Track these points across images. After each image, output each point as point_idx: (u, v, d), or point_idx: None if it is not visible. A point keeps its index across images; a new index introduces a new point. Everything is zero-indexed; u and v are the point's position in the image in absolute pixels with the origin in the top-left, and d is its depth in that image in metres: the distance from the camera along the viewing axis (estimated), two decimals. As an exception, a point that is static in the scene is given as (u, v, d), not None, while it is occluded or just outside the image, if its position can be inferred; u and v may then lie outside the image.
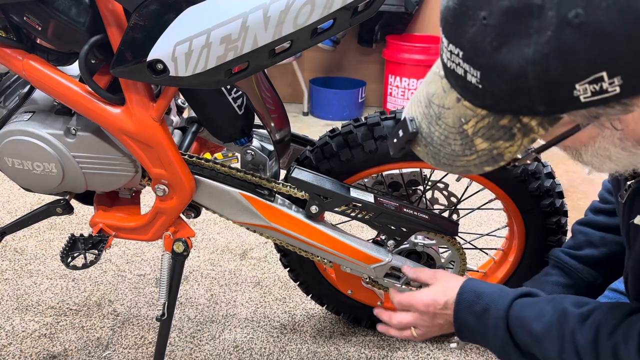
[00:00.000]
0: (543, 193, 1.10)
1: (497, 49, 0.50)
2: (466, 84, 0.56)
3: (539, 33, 0.47)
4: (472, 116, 0.58)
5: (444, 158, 0.63)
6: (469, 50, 0.53)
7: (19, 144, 0.96)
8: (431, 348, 1.38)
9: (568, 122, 0.56)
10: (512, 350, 0.85)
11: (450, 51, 0.55)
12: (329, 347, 1.38)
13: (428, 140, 0.64)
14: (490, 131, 0.58)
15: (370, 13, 0.81)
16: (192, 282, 1.61)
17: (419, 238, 1.18)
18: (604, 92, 0.48)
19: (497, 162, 0.60)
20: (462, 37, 0.53)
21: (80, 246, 1.06)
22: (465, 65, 0.54)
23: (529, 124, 0.55)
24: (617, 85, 0.48)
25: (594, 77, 0.48)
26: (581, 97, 0.49)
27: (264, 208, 1.05)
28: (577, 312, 0.78)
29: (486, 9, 0.50)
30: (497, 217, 1.97)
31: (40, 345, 1.34)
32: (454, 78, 0.57)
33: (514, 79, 0.51)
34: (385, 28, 3.18)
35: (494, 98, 0.54)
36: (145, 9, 0.78)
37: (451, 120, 0.60)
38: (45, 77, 0.90)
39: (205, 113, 1.06)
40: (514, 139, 0.57)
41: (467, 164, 0.62)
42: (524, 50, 0.49)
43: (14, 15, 0.85)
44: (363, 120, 1.10)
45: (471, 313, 0.88)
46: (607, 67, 0.47)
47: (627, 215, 0.80)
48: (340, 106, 3.19)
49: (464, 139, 0.60)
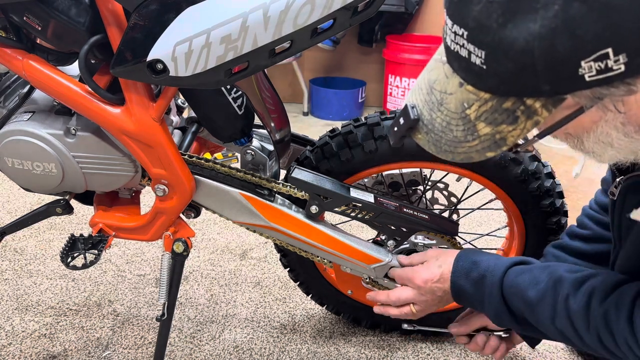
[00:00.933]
0: (543, 193, 1.10)
1: (502, 26, 0.50)
2: (470, 66, 0.55)
3: (545, 7, 0.47)
4: (475, 100, 0.58)
5: (445, 145, 0.63)
6: (474, 29, 0.52)
7: (19, 144, 0.96)
8: (431, 348, 1.38)
9: (572, 104, 0.55)
10: (506, 317, 0.88)
11: (455, 32, 0.55)
12: (329, 348, 1.38)
13: (429, 127, 0.64)
14: (494, 115, 0.58)
15: (370, 13, 0.81)
16: (192, 282, 1.60)
17: (419, 238, 1.18)
18: (609, 71, 0.48)
19: (500, 147, 0.60)
20: (467, 16, 0.52)
21: (80, 246, 1.06)
22: (470, 45, 0.54)
23: (533, 105, 0.55)
24: (622, 63, 0.48)
25: (600, 53, 0.47)
26: (586, 75, 0.49)
27: (263, 208, 1.05)
28: (571, 277, 0.80)
29: None
30: (497, 217, 1.97)
31: (40, 346, 1.34)
32: (457, 61, 0.57)
33: (520, 56, 0.50)
34: (385, 28, 3.18)
35: (499, 78, 0.54)
36: (145, 9, 0.77)
37: (453, 105, 0.60)
38: (45, 77, 0.90)
39: (205, 113, 1.06)
40: (517, 122, 0.57)
41: (469, 150, 0.61)
42: (530, 26, 0.48)
43: (14, 15, 0.85)
44: (363, 120, 1.10)
45: (467, 280, 0.91)
46: (613, 42, 0.47)
47: (618, 210, 0.80)
48: (340, 106, 3.19)
49: (466, 124, 0.60)
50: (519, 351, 1.37)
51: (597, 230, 0.99)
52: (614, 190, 0.81)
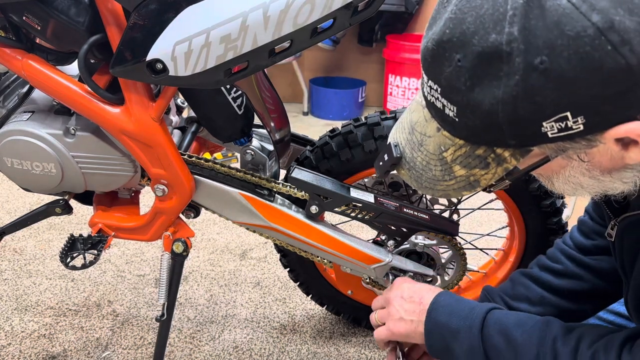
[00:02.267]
0: (543, 193, 1.10)
1: (470, 89, 0.54)
2: (444, 117, 0.60)
3: (508, 76, 0.52)
4: (451, 145, 0.62)
5: (425, 182, 0.68)
6: (445, 87, 0.57)
7: (18, 143, 0.96)
8: (431, 348, 1.37)
9: (538, 153, 0.60)
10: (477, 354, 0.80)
11: (430, 86, 0.60)
12: (329, 348, 1.37)
13: (411, 164, 0.68)
14: (467, 159, 0.62)
15: (370, 12, 0.81)
16: (192, 283, 1.60)
17: (419, 238, 1.18)
18: (569, 129, 0.53)
19: (474, 188, 0.65)
20: (439, 75, 0.57)
21: (80, 246, 1.06)
22: (443, 100, 0.58)
23: (502, 154, 0.60)
24: (580, 124, 0.52)
25: (559, 116, 0.52)
26: (548, 133, 0.54)
27: (263, 208, 1.05)
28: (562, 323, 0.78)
29: (461, 52, 0.54)
30: (497, 217, 1.97)
31: (40, 346, 1.34)
32: (434, 110, 0.62)
33: (486, 116, 0.55)
34: (386, 27, 3.17)
35: (469, 131, 0.59)
36: (145, 9, 0.77)
37: (432, 147, 0.65)
38: (44, 77, 0.90)
39: (204, 113, 1.06)
40: (488, 168, 0.62)
41: (446, 188, 0.66)
42: (495, 91, 0.53)
43: (14, 14, 0.85)
44: (363, 120, 1.10)
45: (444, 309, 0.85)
46: (570, 107, 0.51)
47: (618, 252, 0.82)
48: (340, 106, 3.19)
49: (443, 165, 0.64)
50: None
51: (569, 266, 0.99)
52: (611, 232, 0.83)
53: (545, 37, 0.50)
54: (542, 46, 0.50)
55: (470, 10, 0.54)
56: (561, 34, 0.49)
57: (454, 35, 0.55)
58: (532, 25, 0.50)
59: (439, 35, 0.57)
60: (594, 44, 0.48)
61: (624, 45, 0.48)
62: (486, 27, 0.52)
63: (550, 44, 0.49)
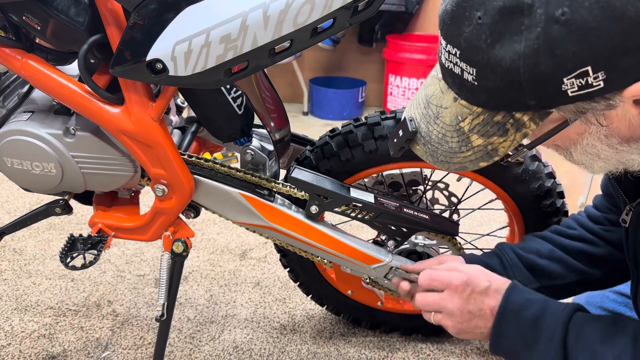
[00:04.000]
0: (544, 193, 1.10)
1: (491, 46, 0.54)
2: (463, 82, 0.59)
3: (529, 29, 0.52)
4: (468, 114, 0.62)
5: (441, 155, 0.67)
6: (465, 48, 0.57)
7: (18, 143, 0.96)
8: (431, 349, 1.37)
9: (557, 118, 0.59)
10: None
11: (448, 51, 0.59)
12: (329, 348, 1.37)
13: (427, 139, 0.68)
14: (485, 127, 0.62)
15: (370, 12, 0.81)
16: (192, 283, 1.60)
17: (419, 238, 1.18)
18: (589, 87, 0.53)
19: (492, 157, 0.64)
20: (459, 37, 0.57)
21: (80, 246, 1.06)
22: (462, 64, 0.58)
23: (521, 119, 0.60)
24: (600, 80, 0.52)
25: (580, 71, 0.52)
26: (569, 91, 0.53)
27: (263, 208, 1.05)
28: None
29: (481, 9, 0.54)
30: (497, 217, 1.97)
31: (40, 346, 1.34)
32: (452, 77, 0.61)
33: (507, 73, 0.54)
34: (386, 27, 3.17)
35: (489, 94, 0.58)
36: (145, 9, 0.77)
37: (448, 118, 0.64)
38: (44, 77, 0.89)
39: (204, 113, 1.06)
40: (507, 134, 0.61)
41: (463, 160, 0.66)
42: (516, 46, 0.53)
43: (13, 14, 0.85)
44: (363, 120, 1.10)
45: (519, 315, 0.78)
46: (591, 61, 0.51)
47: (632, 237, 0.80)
48: (340, 106, 3.19)
49: (460, 136, 0.64)
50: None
51: (582, 232, 1.00)
52: (625, 218, 0.81)
53: None
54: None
55: None
56: None
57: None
58: None
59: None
60: None
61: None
62: None
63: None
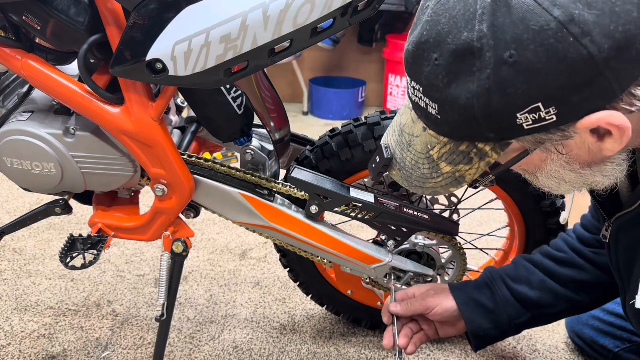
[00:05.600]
0: (544, 193, 1.10)
1: (448, 85, 0.58)
2: (428, 115, 0.63)
3: (480, 71, 0.55)
4: (436, 143, 0.66)
5: (415, 181, 0.71)
6: (426, 86, 0.61)
7: (18, 143, 0.96)
8: (431, 349, 1.37)
9: (518, 147, 0.63)
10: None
11: (413, 87, 0.63)
12: (329, 348, 1.37)
13: (401, 165, 0.71)
14: (452, 156, 0.65)
15: (370, 12, 0.81)
16: (192, 283, 1.60)
17: (419, 238, 1.18)
18: (543, 120, 0.56)
19: (460, 184, 0.68)
20: (420, 75, 0.61)
21: (80, 246, 1.06)
22: (426, 99, 0.62)
23: (484, 149, 0.63)
24: (553, 114, 0.55)
25: (532, 107, 0.55)
26: (524, 125, 0.57)
27: (263, 208, 1.05)
28: None
29: (437, 52, 0.58)
30: (498, 217, 1.97)
31: (40, 346, 1.34)
32: (419, 110, 0.65)
33: (464, 110, 0.58)
34: (386, 27, 3.17)
35: (451, 127, 0.62)
36: (145, 8, 0.77)
37: (419, 146, 0.68)
38: (44, 77, 0.89)
39: (204, 113, 1.06)
40: (472, 163, 0.65)
41: (435, 186, 0.70)
42: (470, 86, 0.56)
43: (13, 14, 0.85)
44: (363, 120, 1.10)
45: None
46: (541, 98, 0.54)
47: (614, 252, 0.83)
48: (340, 106, 3.18)
49: (431, 163, 0.67)
50: (519, 351, 1.37)
51: (572, 256, 1.02)
52: (606, 234, 0.84)
53: (512, 33, 0.53)
54: (510, 41, 0.53)
55: (445, 12, 0.57)
56: (527, 28, 0.52)
57: (431, 37, 0.58)
58: (500, 22, 0.53)
59: (417, 37, 0.60)
60: (557, 36, 0.51)
61: (585, 37, 0.51)
62: (459, 26, 0.56)
63: (517, 39, 0.53)
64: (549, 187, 0.69)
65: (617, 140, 0.56)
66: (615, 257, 0.83)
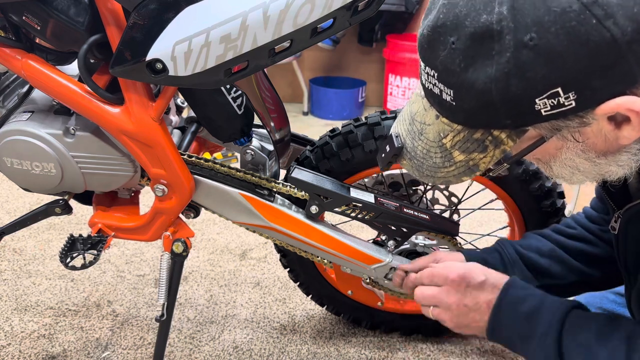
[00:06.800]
0: (544, 193, 1.10)
1: (465, 69, 0.57)
2: (442, 102, 0.62)
3: (499, 54, 0.54)
4: (450, 131, 0.64)
5: (426, 170, 0.69)
6: (442, 71, 0.59)
7: (18, 143, 0.96)
8: (431, 349, 1.37)
9: (534, 134, 0.61)
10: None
11: (427, 73, 0.62)
12: (329, 348, 1.37)
13: (412, 154, 0.70)
14: (466, 144, 0.64)
15: (370, 12, 0.81)
16: (192, 283, 1.60)
17: (419, 238, 1.18)
18: (562, 106, 0.54)
19: (473, 172, 0.66)
20: (436, 60, 0.59)
21: (79, 246, 1.06)
22: (440, 85, 0.60)
23: (499, 136, 0.62)
24: (572, 100, 0.54)
25: (551, 92, 0.54)
26: (542, 110, 0.55)
27: (263, 208, 1.05)
28: None
29: (455, 35, 0.56)
30: (498, 217, 1.97)
31: (40, 346, 1.34)
32: (432, 97, 0.64)
33: (481, 95, 0.57)
34: (386, 27, 3.17)
35: (467, 113, 0.60)
36: (145, 8, 0.77)
37: (431, 135, 0.67)
38: (44, 77, 0.89)
39: (204, 113, 1.06)
40: (486, 151, 0.63)
41: (447, 175, 0.68)
42: (488, 70, 0.55)
43: (13, 14, 0.85)
44: (363, 120, 1.10)
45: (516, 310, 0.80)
46: (561, 83, 0.53)
47: (622, 244, 0.82)
48: (340, 106, 3.18)
49: (443, 152, 0.66)
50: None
51: (582, 231, 1.01)
52: (615, 225, 0.83)
53: (533, 15, 0.52)
54: (531, 23, 0.52)
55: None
56: (548, 10, 0.51)
57: (448, 19, 0.57)
58: (520, 4, 0.52)
59: (433, 21, 0.59)
60: (579, 18, 0.50)
61: (608, 19, 0.50)
62: (477, 8, 0.54)
63: (538, 21, 0.51)
64: (562, 177, 0.67)
65: (635, 127, 0.55)
66: (623, 248, 0.81)
